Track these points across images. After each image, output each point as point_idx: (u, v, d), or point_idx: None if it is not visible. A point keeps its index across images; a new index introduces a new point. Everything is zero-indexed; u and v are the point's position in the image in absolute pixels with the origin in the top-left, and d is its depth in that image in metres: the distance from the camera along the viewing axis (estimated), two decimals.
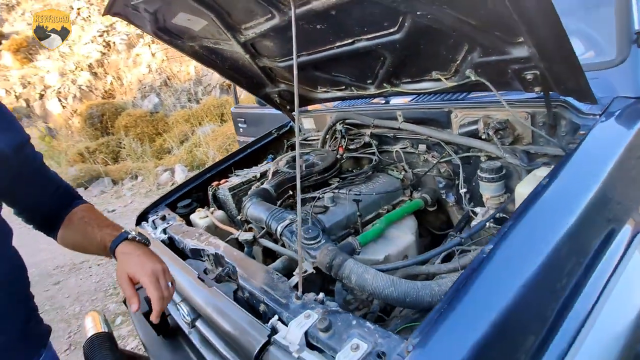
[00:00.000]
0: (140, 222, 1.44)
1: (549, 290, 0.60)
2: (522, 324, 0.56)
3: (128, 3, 1.11)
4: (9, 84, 9.51)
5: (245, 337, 0.71)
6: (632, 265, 0.71)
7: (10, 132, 0.78)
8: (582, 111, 0.91)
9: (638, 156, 0.83)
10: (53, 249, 4.22)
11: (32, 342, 0.83)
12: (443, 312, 0.54)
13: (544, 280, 0.60)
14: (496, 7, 0.69)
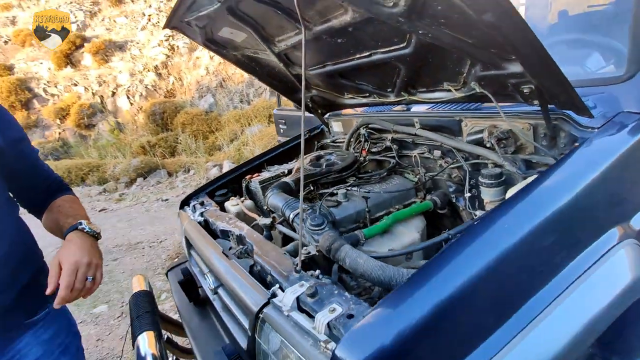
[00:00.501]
0: (183, 207, 1.67)
1: (504, 281, 0.68)
2: (472, 305, 0.65)
3: (182, 19, 1.32)
4: (87, 82, 10.68)
5: (252, 300, 0.86)
6: (601, 271, 0.76)
7: (8, 129, 0.92)
8: (581, 124, 0.95)
9: (629, 170, 0.87)
10: (114, 230, 4.75)
11: (29, 304, 0.93)
12: (401, 288, 0.65)
13: (500, 271, 0.68)
14: (485, 29, 0.78)
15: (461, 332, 0.64)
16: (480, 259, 0.68)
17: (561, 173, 0.84)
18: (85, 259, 0.85)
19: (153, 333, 0.95)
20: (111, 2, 12.04)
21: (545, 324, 0.70)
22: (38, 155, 1.07)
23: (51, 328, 0.97)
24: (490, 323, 0.66)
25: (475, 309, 0.66)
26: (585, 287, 0.76)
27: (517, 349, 0.66)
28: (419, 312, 0.61)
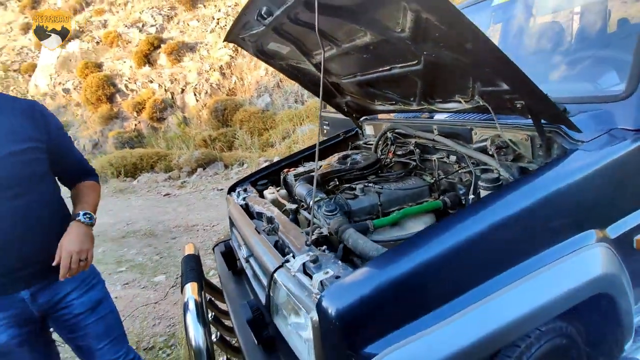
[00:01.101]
0: (230, 192, 1.96)
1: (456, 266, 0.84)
2: (433, 275, 0.82)
3: (238, 36, 1.59)
4: (161, 79, 11.82)
5: (270, 264, 1.09)
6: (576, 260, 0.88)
7: (52, 123, 1.23)
8: (573, 138, 1.05)
9: (606, 182, 0.96)
10: (175, 213, 5.31)
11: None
12: (376, 258, 0.84)
13: (457, 256, 0.84)
14: (473, 52, 0.93)
15: (420, 296, 0.81)
16: (451, 239, 0.85)
17: (539, 177, 0.96)
18: (77, 247, 1.14)
19: (196, 284, 1.22)
20: (186, 7, 13.16)
21: (510, 295, 0.84)
22: (73, 144, 1.36)
23: (80, 275, 1.24)
24: (450, 291, 0.82)
25: (438, 279, 0.83)
26: (559, 269, 0.89)
27: (475, 313, 0.81)
28: (385, 276, 0.80)
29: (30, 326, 1.21)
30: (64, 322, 1.26)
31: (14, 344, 1.18)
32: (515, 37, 1.98)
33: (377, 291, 0.79)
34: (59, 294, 1.23)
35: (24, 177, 1.13)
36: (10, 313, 1.16)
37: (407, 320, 0.80)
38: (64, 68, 13.51)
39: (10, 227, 1.11)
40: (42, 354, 1.27)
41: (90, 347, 1.29)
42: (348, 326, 0.77)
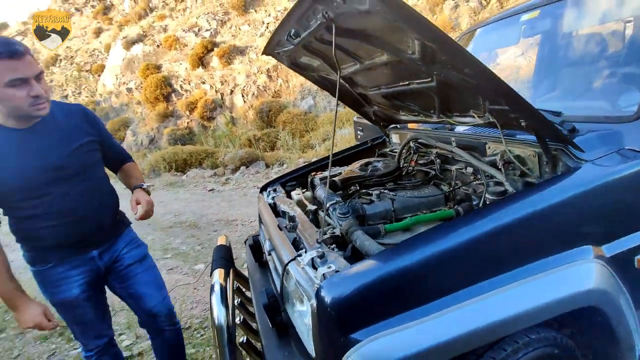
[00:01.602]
0: (262, 191, 2.14)
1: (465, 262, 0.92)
2: (418, 276, 0.91)
3: (273, 51, 1.76)
4: (213, 81, 12.53)
5: (285, 257, 1.23)
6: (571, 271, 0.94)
7: (98, 123, 1.56)
8: (577, 156, 1.08)
9: (605, 201, 0.99)
10: (218, 207, 5.67)
11: (119, 224, 1.65)
12: (372, 257, 0.95)
13: (448, 259, 0.92)
14: (472, 75, 1.01)
15: (409, 292, 0.91)
16: (444, 243, 0.94)
17: (536, 191, 1.02)
18: (148, 199, 1.57)
19: (223, 270, 1.39)
20: (239, 12, 13.83)
21: (495, 298, 0.92)
22: (110, 135, 1.71)
23: (130, 235, 1.68)
24: (439, 290, 0.91)
25: (428, 278, 0.92)
26: (548, 279, 0.95)
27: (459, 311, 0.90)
28: (378, 272, 0.91)
29: (95, 283, 1.54)
30: (118, 272, 1.60)
31: (82, 298, 1.49)
32: (547, 51, 1.97)
33: (369, 285, 0.90)
34: (116, 251, 1.59)
35: (87, 164, 1.46)
36: (83, 269, 1.49)
37: (394, 313, 0.90)
38: (128, 69, 14.76)
39: (85, 204, 1.44)
40: (101, 310, 1.61)
41: (140, 293, 1.62)
42: (340, 313, 0.89)
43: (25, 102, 1.25)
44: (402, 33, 1.06)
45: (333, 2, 1.00)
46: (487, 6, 9.15)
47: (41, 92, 1.27)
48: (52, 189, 1.36)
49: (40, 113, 1.31)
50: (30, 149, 1.34)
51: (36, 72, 1.25)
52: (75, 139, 1.42)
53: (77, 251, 1.46)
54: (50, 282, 1.47)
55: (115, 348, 1.71)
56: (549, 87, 1.98)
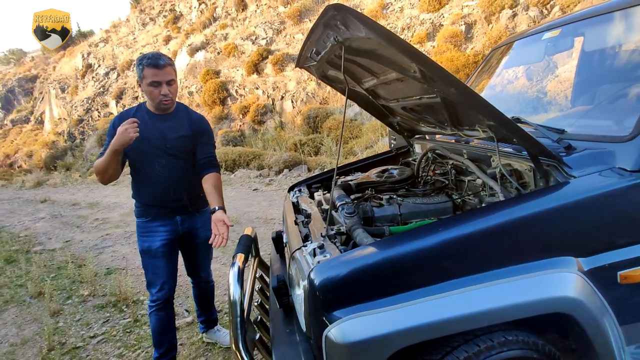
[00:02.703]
0: (289, 190, 2.34)
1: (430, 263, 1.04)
2: (396, 267, 1.04)
3: (303, 64, 1.96)
4: (265, 86, 13.15)
5: (293, 247, 1.41)
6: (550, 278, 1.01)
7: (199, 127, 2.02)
8: (567, 172, 1.14)
9: (587, 215, 1.05)
10: (259, 206, 6.00)
11: (200, 203, 2.09)
12: (360, 247, 1.09)
13: (430, 254, 1.04)
14: (459, 95, 1.12)
15: (388, 280, 1.04)
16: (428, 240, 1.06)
17: (520, 201, 1.10)
18: (225, 230, 1.80)
19: (243, 255, 1.60)
20: (294, 21, 14.40)
21: (468, 294, 1.01)
22: (212, 144, 2.09)
23: (206, 217, 2.10)
24: (417, 281, 1.03)
25: (406, 269, 1.04)
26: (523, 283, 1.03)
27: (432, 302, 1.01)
28: (361, 261, 1.05)
29: (173, 242, 2.05)
30: (192, 244, 2.15)
31: (161, 251, 2.00)
32: (582, 67, 1.97)
33: (354, 270, 1.04)
34: (194, 224, 2.11)
35: (183, 149, 1.99)
36: (168, 228, 2.02)
37: (375, 297, 1.03)
38: (190, 74, 15.95)
39: (177, 176, 1.97)
40: (171, 267, 2.06)
41: (197, 262, 2.23)
42: (325, 293, 1.04)
43: (157, 98, 1.88)
44: (401, 55, 1.20)
45: (339, 29, 1.16)
46: (548, 15, 8.71)
47: (167, 92, 1.87)
48: (159, 160, 1.94)
49: (166, 106, 1.93)
50: (157, 129, 1.94)
51: (168, 79, 1.86)
52: (181, 130, 1.97)
53: (166, 213, 2.00)
54: (144, 232, 2.01)
55: (171, 309, 2.13)
56: (583, 102, 1.98)
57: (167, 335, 2.08)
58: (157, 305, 2.03)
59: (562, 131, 1.33)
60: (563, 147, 1.22)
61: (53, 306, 3.14)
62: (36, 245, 5.32)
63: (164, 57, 1.87)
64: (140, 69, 1.85)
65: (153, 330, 2.07)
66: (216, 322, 2.45)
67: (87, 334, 2.74)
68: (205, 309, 2.39)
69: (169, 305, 2.09)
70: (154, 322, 2.05)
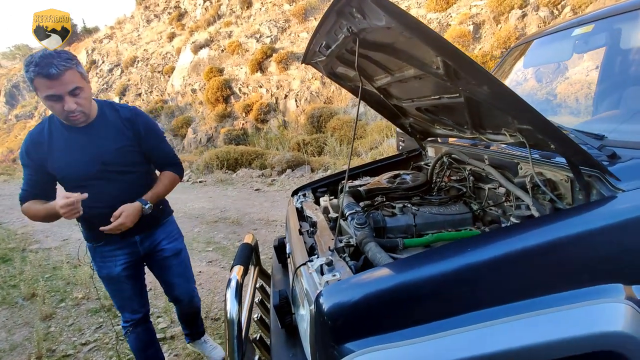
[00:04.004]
0: (293, 195, 2.20)
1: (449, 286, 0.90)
2: (420, 293, 0.90)
3: (311, 60, 1.82)
4: (269, 85, 13.02)
5: (298, 261, 1.27)
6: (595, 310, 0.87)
7: (145, 124, 1.71)
8: (613, 185, 1.00)
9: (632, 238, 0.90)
10: (260, 207, 5.86)
11: (161, 215, 1.87)
12: (371, 270, 0.95)
13: (457, 279, 0.90)
14: (492, 94, 0.98)
15: (409, 309, 0.90)
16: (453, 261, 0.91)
17: (560, 219, 0.95)
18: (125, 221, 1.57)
19: (242, 267, 1.46)
20: (299, 19, 14.26)
21: (502, 327, 0.87)
22: (163, 140, 1.84)
23: (169, 228, 1.91)
24: (443, 310, 0.89)
25: (431, 296, 0.90)
26: (566, 315, 0.88)
27: (460, 336, 0.87)
28: (378, 285, 0.91)
29: (135, 265, 1.80)
30: (157, 261, 1.88)
31: (123, 275, 1.76)
32: (610, 67, 1.82)
33: (369, 296, 0.90)
34: (156, 240, 1.85)
35: (126, 162, 1.67)
36: (127, 251, 1.75)
37: (393, 328, 0.89)
38: (194, 71, 15.85)
39: (126, 195, 1.65)
40: (138, 289, 1.86)
41: (171, 282, 1.93)
42: (335, 321, 0.90)
43: (61, 114, 1.50)
44: (424, 48, 1.05)
45: (355, 18, 1.02)
46: (559, 16, 8.52)
47: (73, 107, 1.46)
48: (97, 181, 1.60)
49: (75, 124, 1.56)
50: (80, 146, 1.59)
51: (69, 89, 1.43)
52: (119, 140, 1.64)
53: (121, 235, 1.66)
54: (99, 258, 1.75)
55: (148, 324, 1.94)
56: (610, 106, 1.83)
57: (150, 351, 1.93)
58: (132, 325, 1.86)
59: (602, 137, 1.18)
60: (606, 156, 1.08)
61: (45, 309, 3.02)
62: (33, 243, 5.21)
63: (58, 59, 1.39)
64: (30, 79, 1.40)
65: (133, 350, 1.91)
66: (203, 334, 2.26)
67: (78, 341, 2.62)
68: (189, 326, 2.19)
69: (145, 321, 1.92)
70: (133, 341, 1.88)
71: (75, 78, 1.45)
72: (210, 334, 2.51)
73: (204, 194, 7.33)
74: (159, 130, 1.81)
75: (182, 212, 6.00)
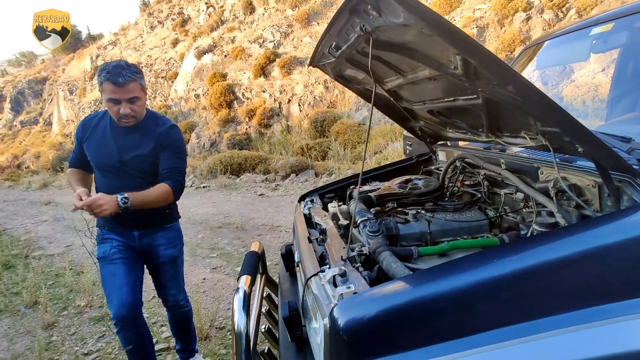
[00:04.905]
0: (300, 200, 2.14)
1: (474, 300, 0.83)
2: (444, 307, 0.84)
3: (318, 62, 1.77)
4: (272, 90, 13.02)
5: (308, 272, 1.21)
6: None
7: (147, 145, 1.81)
8: None
9: None
10: (265, 212, 5.81)
11: (165, 219, 1.95)
12: (388, 282, 0.89)
13: (483, 292, 0.83)
14: (517, 94, 0.92)
15: (432, 324, 0.83)
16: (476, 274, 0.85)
17: (595, 225, 0.89)
18: (101, 200, 1.60)
19: (249, 277, 1.40)
20: (302, 24, 14.29)
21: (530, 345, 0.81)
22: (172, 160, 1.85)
23: (171, 234, 1.98)
24: (469, 326, 0.83)
25: (456, 311, 0.84)
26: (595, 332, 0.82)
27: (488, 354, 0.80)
28: (398, 299, 0.85)
29: (131, 255, 1.88)
30: (153, 263, 1.97)
31: (116, 257, 1.83)
32: (626, 68, 1.76)
33: (387, 311, 0.84)
34: (154, 241, 1.93)
35: (140, 169, 1.83)
36: (124, 240, 1.88)
37: (415, 345, 0.83)
38: (197, 77, 15.90)
39: None
40: (131, 281, 1.83)
41: (162, 283, 2.02)
42: (352, 338, 0.84)
43: (116, 116, 1.74)
44: (442, 47, 1.00)
45: (369, 16, 0.97)
46: (563, 18, 8.47)
47: (127, 112, 1.71)
48: (114, 175, 1.81)
49: (126, 125, 1.77)
50: (113, 140, 1.81)
51: (128, 97, 1.68)
52: (140, 149, 1.81)
53: (123, 226, 1.86)
54: (100, 240, 1.89)
55: (141, 329, 1.87)
56: (626, 108, 1.77)
57: (139, 354, 1.88)
58: (119, 324, 1.79)
59: (629, 139, 1.12)
60: (636, 160, 1.02)
61: (48, 317, 2.97)
62: (36, 249, 5.18)
63: (127, 71, 1.65)
64: (100, 82, 1.68)
65: (125, 349, 1.87)
66: (193, 353, 2.21)
67: (80, 351, 2.56)
68: (179, 337, 2.17)
69: (135, 324, 1.84)
70: (122, 341, 1.86)
71: (136, 89, 1.70)
72: (215, 343, 2.44)
73: (207, 199, 7.29)
74: (179, 147, 1.89)
75: (186, 217, 5.96)
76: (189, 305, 2.13)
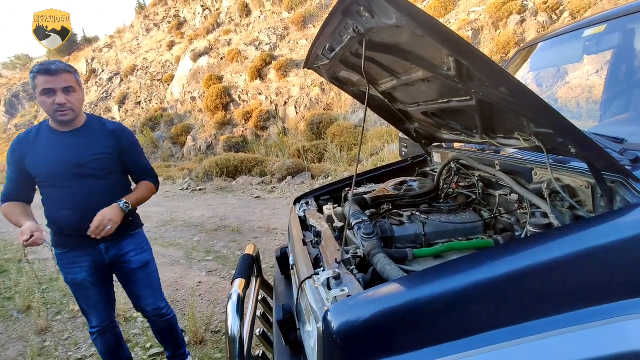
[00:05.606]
0: (295, 203, 2.13)
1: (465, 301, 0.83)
2: (438, 310, 0.83)
3: (313, 64, 1.77)
4: (269, 92, 13.02)
5: (302, 274, 1.20)
6: None
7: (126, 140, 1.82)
8: (639, 191, 0.94)
9: None
10: (261, 215, 5.79)
11: (130, 227, 1.86)
12: (382, 285, 0.88)
13: (475, 295, 0.83)
14: (509, 95, 0.92)
15: (426, 327, 0.83)
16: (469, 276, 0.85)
17: (587, 226, 0.89)
18: (109, 216, 1.65)
19: (244, 280, 1.39)
20: (298, 27, 14.32)
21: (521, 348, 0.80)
22: (142, 154, 1.93)
23: (138, 240, 1.90)
24: (461, 329, 0.82)
25: (449, 313, 0.83)
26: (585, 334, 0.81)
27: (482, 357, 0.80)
28: (392, 302, 0.84)
29: (101, 270, 1.81)
30: (124, 272, 1.88)
31: (88, 281, 1.78)
32: (619, 69, 1.77)
33: (380, 314, 0.83)
34: (122, 250, 1.84)
35: (102, 167, 1.73)
36: (91, 258, 1.77)
37: (409, 348, 0.82)
38: (193, 79, 15.87)
39: (94, 200, 1.69)
40: (105, 297, 1.87)
41: (137, 294, 1.92)
42: (346, 341, 0.83)
43: (51, 109, 1.61)
44: (435, 48, 1.00)
45: (362, 17, 0.97)
46: (557, 21, 8.55)
47: (63, 101, 1.60)
48: (69, 183, 1.68)
49: (64, 118, 1.65)
50: (60, 148, 1.69)
51: (63, 85, 1.59)
52: (98, 147, 1.74)
53: (87, 241, 1.70)
54: (65, 264, 1.78)
55: (116, 329, 1.97)
56: (620, 109, 1.77)
57: (119, 352, 1.98)
58: (99, 331, 1.89)
59: (622, 140, 1.12)
60: (629, 160, 1.02)
61: (41, 323, 2.94)
62: (30, 254, 5.11)
63: (61, 62, 1.62)
64: (32, 78, 1.59)
65: (101, 354, 1.94)
66: (185, 357, 2.18)
67: (74, 356, 2.53)
68: (166, 345, 2.13)
69: (113, 327, 1.96)
70: (100, 346, 1.92)
71: (71, 80, 1.62)
72: (211, 347, 2.42)
73: (203, 202, 7.26)
74: (139, 146, 1.94)
75: (182, 220, 5.92)
76: (171, 312, 2.05)
